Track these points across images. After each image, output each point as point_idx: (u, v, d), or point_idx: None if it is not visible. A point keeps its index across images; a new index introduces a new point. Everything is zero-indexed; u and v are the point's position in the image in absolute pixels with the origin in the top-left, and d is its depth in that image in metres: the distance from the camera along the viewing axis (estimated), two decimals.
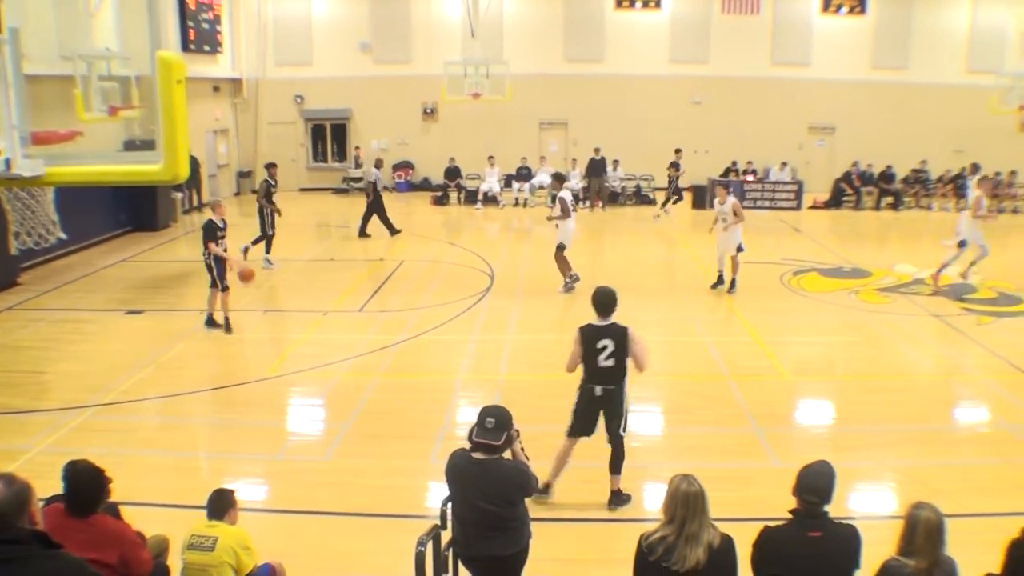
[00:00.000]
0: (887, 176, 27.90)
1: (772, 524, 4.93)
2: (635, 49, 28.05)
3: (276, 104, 29.03)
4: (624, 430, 7.78)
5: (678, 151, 25.65)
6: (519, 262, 18.57)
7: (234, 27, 27.76)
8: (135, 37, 15.82)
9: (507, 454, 5.59)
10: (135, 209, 21.73)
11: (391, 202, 25.82)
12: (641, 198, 27.41)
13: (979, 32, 28.81)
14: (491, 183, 26.11)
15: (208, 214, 13.19)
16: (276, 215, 17.58)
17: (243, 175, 29.09)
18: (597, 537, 7.49)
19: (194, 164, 23.28)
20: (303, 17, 28.46)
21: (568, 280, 15.97)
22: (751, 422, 10.10)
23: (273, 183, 17.85)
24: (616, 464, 7.84)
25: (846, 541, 4.85)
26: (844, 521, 5.05)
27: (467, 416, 9.51)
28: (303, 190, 29.10)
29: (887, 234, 24.15)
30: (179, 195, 23.55)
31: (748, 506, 7.61)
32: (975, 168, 22.91)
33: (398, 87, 27.99)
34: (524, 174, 26.83)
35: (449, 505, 5.71)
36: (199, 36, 24.81)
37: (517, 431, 5.62)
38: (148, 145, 5.04)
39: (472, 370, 11.82)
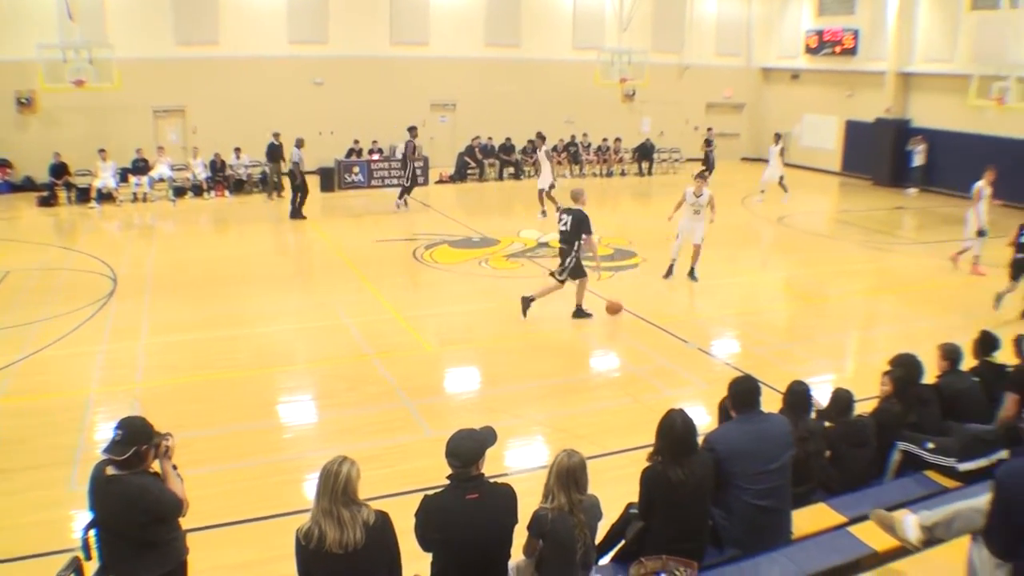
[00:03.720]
0: (507, 148, 29.46)
1: (431, 492, 5.01)
2: (252, 30, 27.11)
3: None
4: None
5: (710, 129, 30.84)
6: (144, 262, 17.37)
7: None
8: None
9: (157, 468, 5.23)
10: None
11: None
12: (268, 184, 26.51)
13: (581, 12, 31.38)
14: (105, 179, 24.24)
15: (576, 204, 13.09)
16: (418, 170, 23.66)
17: None
18: (257, 537, 7.22)
19: None
20: None
21: (557, 207, 18.77)
22: (401, 396, 10.25)
23: (415, 144, 22.97)
24: None
25: (503, 499, 5.04)
26: (500, 480, 5.26)
27: (105, 433, 8.81)
28: None
29: (511, 203, 25.48)
30: None
31: (409, 478, 7.71)
32: (777, 137, 25.07)
33: None
34: (141, 167, 25.13)
35: (94, 530, 5.25)
36: None
37: (167, 446, 5.25)
38: None
39: (105, 382, 10.88)
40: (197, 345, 12.14)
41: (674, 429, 5.32)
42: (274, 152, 24.38)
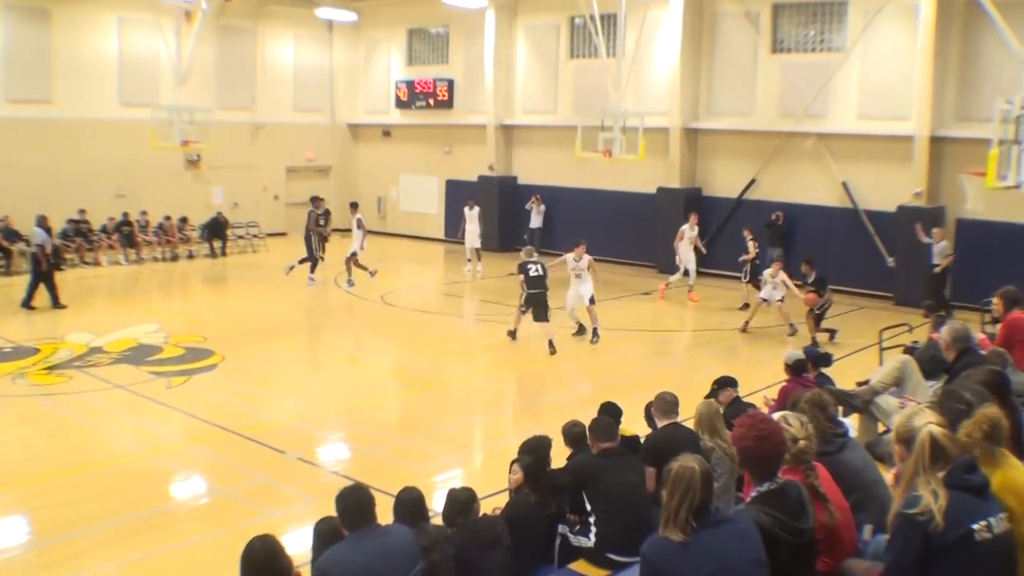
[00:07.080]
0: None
1: None
2: None
3: None
4: None
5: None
6: None
7: None
8: None
9: None
10: None
11: None
12: None
13: (128, 61, 30.19)
14: None
15: None
16: (324, 241, 25.44)
17: None
18: None
19: None
20: None
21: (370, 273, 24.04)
22: None
23: (319, 212, 25.23)
24: None
25: None
26: None
27: None
28: None
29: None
30: None
31: None
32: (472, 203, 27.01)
33: None
34: None
35: None
36: None
37: None
38: None
39: None
40: None
41: (256, 560, 5.25)
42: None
